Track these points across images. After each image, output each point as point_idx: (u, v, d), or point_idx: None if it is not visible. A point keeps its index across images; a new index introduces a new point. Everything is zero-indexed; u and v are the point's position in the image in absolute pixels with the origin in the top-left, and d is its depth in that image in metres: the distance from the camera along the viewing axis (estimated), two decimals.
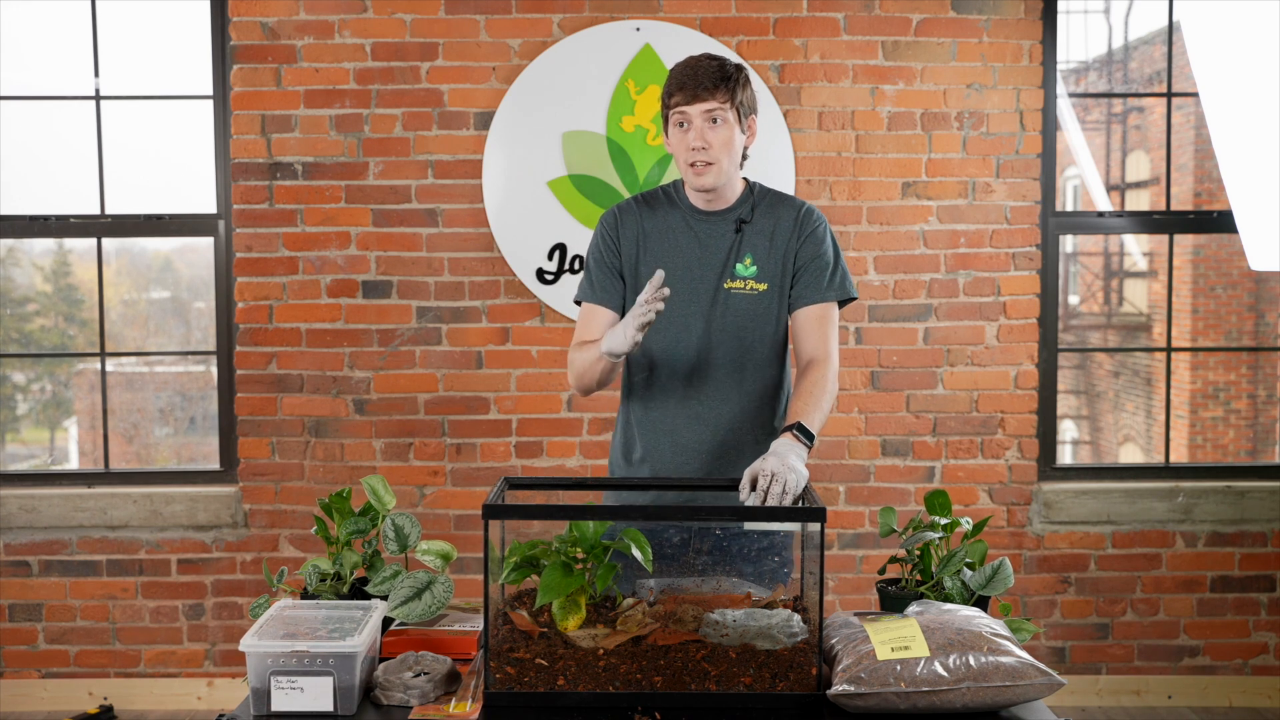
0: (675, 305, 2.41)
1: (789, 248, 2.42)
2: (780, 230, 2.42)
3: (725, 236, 2.42)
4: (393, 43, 3.96)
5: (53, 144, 8.22)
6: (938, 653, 1.77)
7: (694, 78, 2.31)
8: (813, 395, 2.30)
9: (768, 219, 2.43)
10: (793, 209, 2.45)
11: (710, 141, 2.32)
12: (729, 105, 2.32)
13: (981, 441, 4.05)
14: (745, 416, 2.43)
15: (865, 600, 4.02)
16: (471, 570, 3.94)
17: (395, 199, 4.00)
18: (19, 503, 4.03)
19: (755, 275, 2.41)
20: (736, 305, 2.41)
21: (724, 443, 2.43)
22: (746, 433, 2.43)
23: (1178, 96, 4.26)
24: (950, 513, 2.19)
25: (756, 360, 2.43)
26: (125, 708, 4.09)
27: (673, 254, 2.43)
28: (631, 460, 2.52)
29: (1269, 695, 4.14)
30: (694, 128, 2.33)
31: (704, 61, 2.34)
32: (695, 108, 2.31)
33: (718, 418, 2.43)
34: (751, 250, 2.42)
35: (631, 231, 2.46)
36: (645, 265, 2.44)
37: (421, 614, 2.06)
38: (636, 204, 2.50)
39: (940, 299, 4.03)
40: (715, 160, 2.34)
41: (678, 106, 2.33)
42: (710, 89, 2.30)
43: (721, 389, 2.42)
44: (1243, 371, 10.59)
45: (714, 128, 2.32)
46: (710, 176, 2.35)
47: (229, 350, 4.05)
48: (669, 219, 2.45)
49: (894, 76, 3.98)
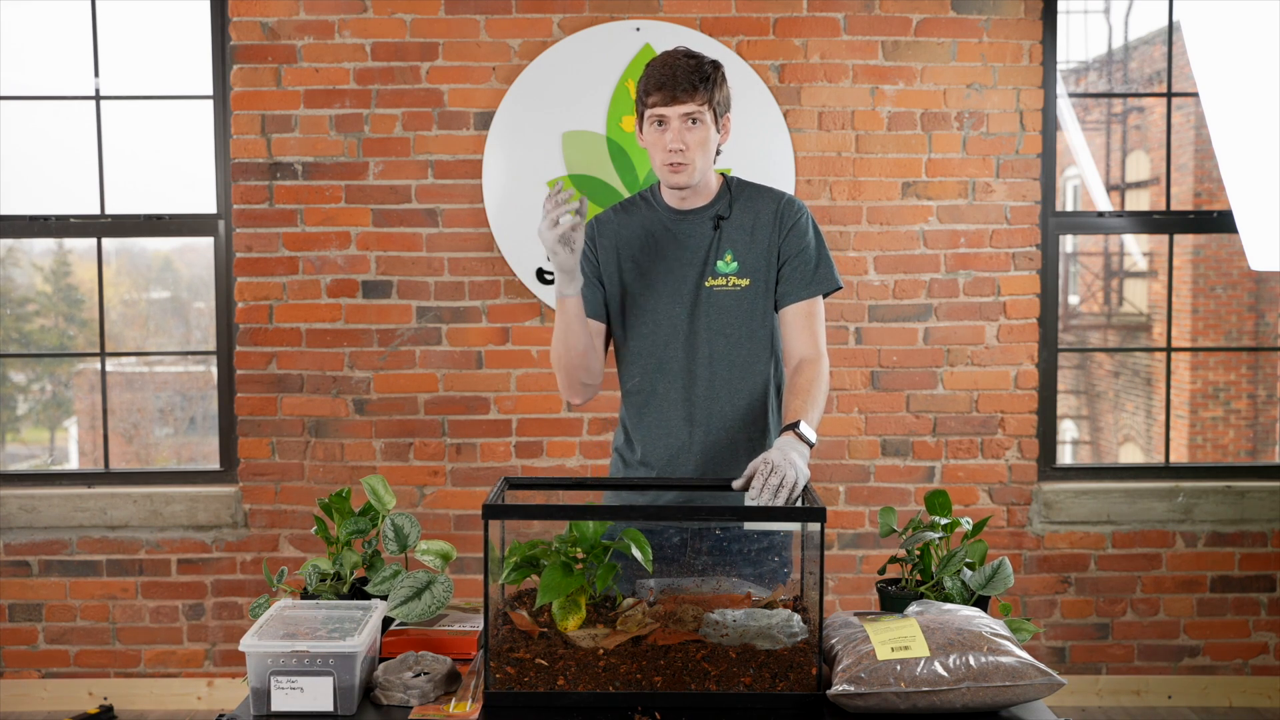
0: (660, 306, 2.42)
1: (771, 241, 2.41)
2: (760, 224, 2.41)
3: (704, 235, 2.41)
4: (393, 43, 3.96)
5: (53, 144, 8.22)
6: (938, 653, 1.77)
7: (672, 78, 2.30)
8: (809, 394, 2.30)
9: (746, 213, 2.42)
10: (772, 201, 2.44)
11: (687, 143, 2.32)
12: (706, 106, 2.32)
13: (981, 441, 4.05)
14: (737, 415, 2.42)
15: (865, 600, 4.02)
16: (471, 570, 3.94)
17: (395, 199, 4.00)
18: (19, 503, 4.03)
19: (736, 271, 2.40)
20: (720, 303, 2.40)
21: (718, 442, 2.42)
22: (739, 431, 2.43)
23: (1178, 96, 4.26)
24: (950, 513, 2.19)
25: (744, 357, 2.42)
26: (125, 708, 4.09)
27: (653, 256, 2.43)
28: (629, 461, 2.52)
29: (1269, 695, 4.14)
30: (671, 128, 2.32)
31: (681, 60, 2.32)
32: (673, 109, 2.31)
33: (709, 417, 2.42)
34: (731, 246, 2.41)
35: (609, 240, 2.46)
36: (626, 271, 2.44)
37: (421, 614, 2.06)
38: (614, 212, 2.51)
39: (940, 299, 4.03)
40: (691, 161, 2.34)
41: (655, 107, 2.32)
42: (689, 90, 2.30)
43: (711, 388, 2.42)
44: (1243, 371, 10.59)
45: (691, 129, 2.32)
46: (685, 175, 2.35)
47: (229, 350, 4.05)
48: (647, 222, 2.45)
49: (894, 76, 3.98)
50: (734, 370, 2.42)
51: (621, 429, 2.57)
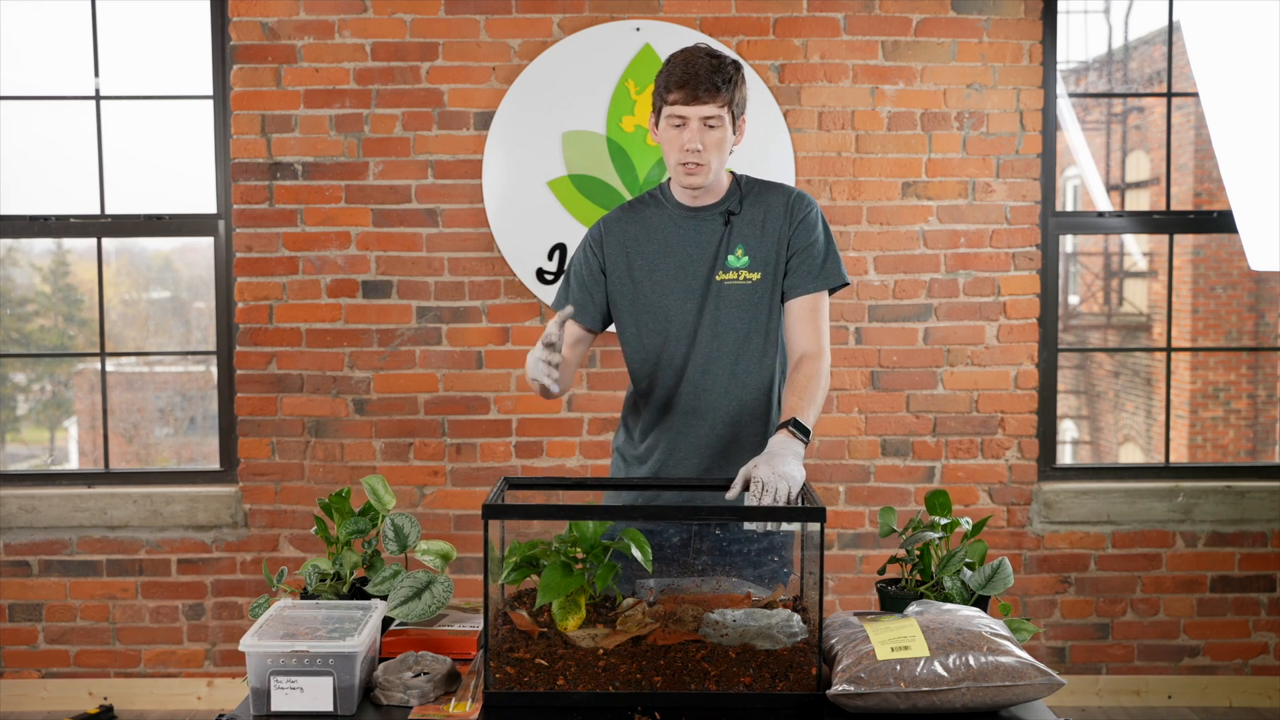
0: (670, 303, 2.42)
1: (781, 234, 2.41)
2: (771, 218, 2.41)
3: (714, 230, 2.42)
4: (393, 43, 3.96)
5: (53, 144, 8.22)
6: (937, 653, 1.77)
7: (694, 78, 2.28)
8: (807, 390, 2.28)
9: (757, 208, 2.43)
10: (782, 195, 2.44)
11: (705, 144, 2.32)
12: (726, 109, 2.31)
13: (981, 441, 4.05)
14: (744, 410, 2.43)
15: (865, 600, 4.02)
16: (471, 570, 3.94)
17: (395, 199, 4.00)
18: (19, 503, 4.03)
19: (748, 265, 2.41)
20: (730, 296, 2.40)
21: (723, 437, 2.43)
22: (746, 426, 2.43)
23: (1178, 96, 4.26)
24: (950, 513, 2.19)
25: (753, 352, 2.42)
26: (125, 708, 4.09)
27: (662, 253, 2.43)
28: (628, 458, 2.52)
29: (1269, 695, 4.14)
30: (690, 129, 2.31)
31: (704, 60, 2.31)
32: (693, 110, 2.30)
33: (716, 412, 2.42)
34: (742, 241, 2.41)
35: (617, 239, 2.46)
36: (637, 268, 2.44)
37: (421, 614, 2.06)
38: (622, 212, 2.51)
39: (940, 299, 4.03)
40: (707, 162, 2.33)
41: (675, 105, 2.31)
42: (711, 92, 2.28)
43: (720, 383, 2.42)
44: (1243, 371, 10.59)
45: (709, 130, 2.31)
46: (700, 176, 2.35)
47: (229, 350, 4.05)
48: (656, 220, 2.45)
49: (894, 76, 3.98)
50: (741, 364, 2.42)
51: (623, 427, 2.57)
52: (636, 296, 2.45)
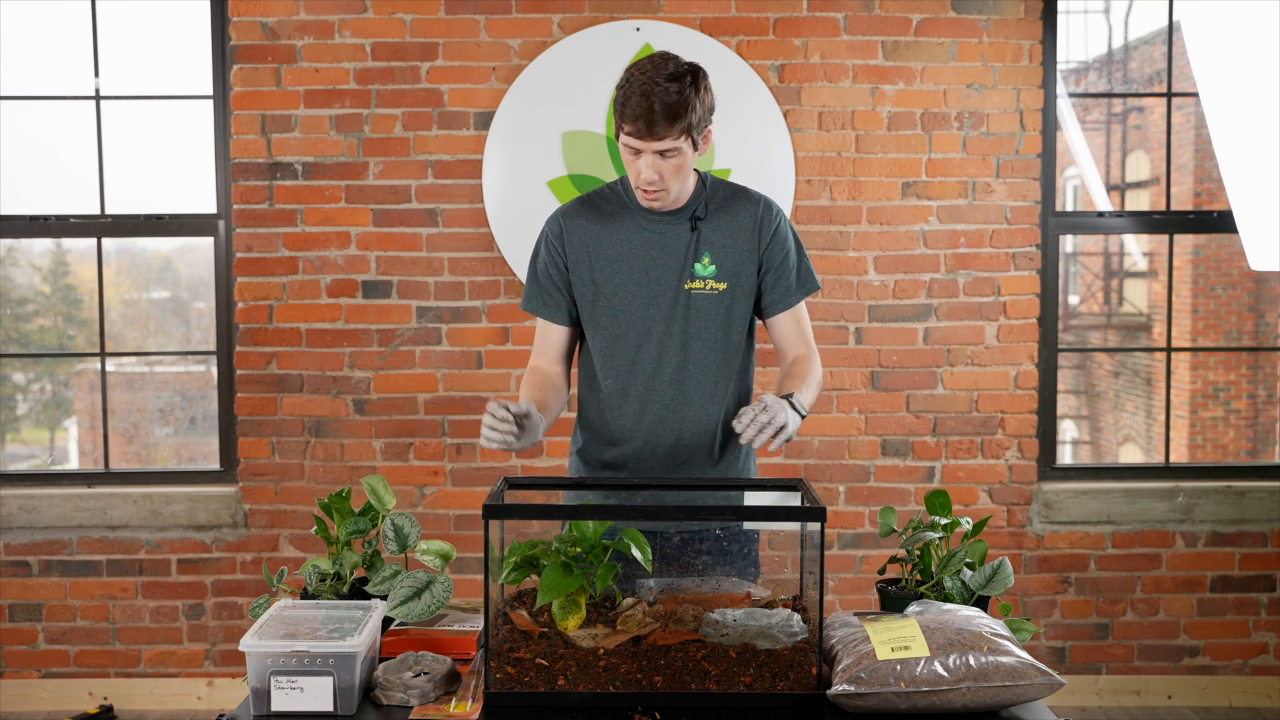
0: (635, 309, 2.38)
1: (751, 247, 2.38)
2: (740, 228, 2.38)
3: (681, 236, 2.37)
4: (393, 43, 3.96)
5: (53, 144, 8.23)
6: (938, 653, 1.77)
7: (649, 113, 2.19)
8: (803, 377, 2.34)
9: (724, 214, 2.39)
10: (750, 204, 2.40)
11: (662, 172, 2.26)
12: (685, 137, 2.24)
13: (981, 441, 4.05)
14: (711, 418, 2.40)
15: (865, 600, 4.02)
16: (471, 570, 3.94)
17: (395, 199, 4.00)
18: (19, 503, 4.03)
19: (714, 275, 2.37)
20: (697, 306, 2.37)
21: (689, 445, 2.40)
22: (710, 435, 2.40)
23: (1178, 96, 4.26)
24: (950, 513, 2.19)
25: (719, 361, 2.39)
26: (125, 708, 4.09)
27: (627, 258, 2.38)
28: (590, 462, 2.49)
29: (1269, 695, 4.14)
30: (645, 159, 2.25)
31: (660, 89, 2.20)
32: (649, 144, 2.23)
33: (681, 420, 2.39)
34: (709, 249, 2.37)
35: (579, 238, 2.40)
36: (600, 271, 2.39)
37: (421, 614, 2.06)
38: (583, 206, 2.43)
39: (940, 299, 4.03)
40: (666, 188, 2.29)
41: (630, 137, 2.24)
42: (667, 125, 2.20)
43: (685, 391, 2.38)
44: (1243, 371, 10.60)
45: (666, 160, 2.26)
46: (660, 201, 2.32)
47: (229, 350, 4.05)
48: (621, 221, 2.39)
49: (894, 76, 3.98)
50: (709, 373, 2.39)
51: (580, 430, 2.54)
52: (597, 299, 2.40)
